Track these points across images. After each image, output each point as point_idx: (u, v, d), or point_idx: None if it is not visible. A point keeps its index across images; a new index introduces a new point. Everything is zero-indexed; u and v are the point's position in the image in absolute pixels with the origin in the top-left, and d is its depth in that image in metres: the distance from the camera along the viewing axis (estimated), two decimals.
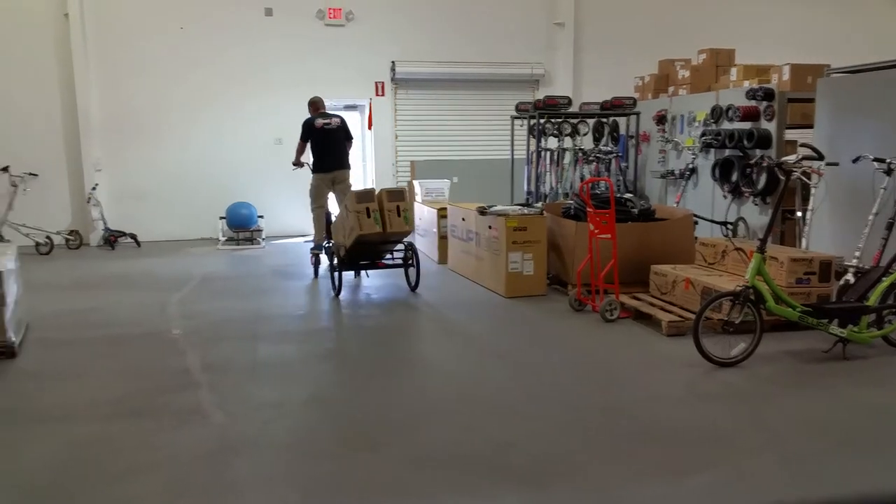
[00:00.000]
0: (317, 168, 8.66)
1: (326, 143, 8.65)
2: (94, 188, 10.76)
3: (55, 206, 10.90)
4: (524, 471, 3.38)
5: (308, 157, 8.77)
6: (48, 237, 10.23)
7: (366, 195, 7.07)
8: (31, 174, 10.40)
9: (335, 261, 7.34)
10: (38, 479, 3.39)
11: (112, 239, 10.72)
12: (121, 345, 5.71)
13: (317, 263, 8.50)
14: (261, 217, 11.22)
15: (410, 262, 7.45)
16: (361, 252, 7.28)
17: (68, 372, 5.07)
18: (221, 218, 11.03)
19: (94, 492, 3.27)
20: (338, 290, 7.28)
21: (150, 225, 11.07)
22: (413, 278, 7.45)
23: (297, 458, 3.58)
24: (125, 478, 3.39)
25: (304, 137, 8.73)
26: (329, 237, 8.04)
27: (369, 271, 8.09)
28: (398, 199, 7.09)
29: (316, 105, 9.05)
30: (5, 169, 10.20)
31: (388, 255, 7.65)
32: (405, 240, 7.41)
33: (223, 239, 11.03)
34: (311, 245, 8.81)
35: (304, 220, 11.85)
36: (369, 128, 12.37)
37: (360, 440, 3.78)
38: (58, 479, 3.39)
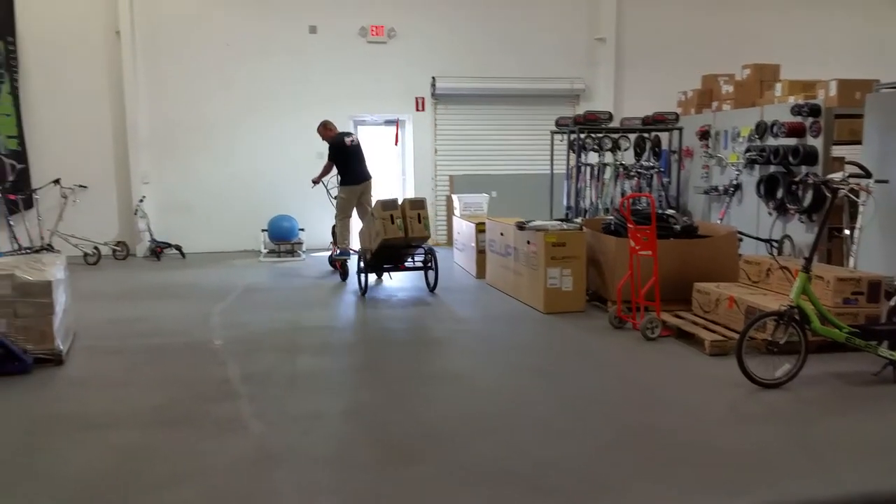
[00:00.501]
0: (349, 181, 9.19)
1: (355, 158, 9.31)
2: (141, 200, 11.02)
3: (103, 217, 11.19)
4: (565, 490, 3.34)
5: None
6: (96, 248, 10.49)
7: (391, 204, 7.82)
8: (80, 186, 10.71)
9: (361, 264, 8.05)
10: (83, 485, 3.46)
11: (158, 250, 10.96)
12: (164, 354, 5.82)
13: (343, 270, 9.09)
14: (302, 230, 11.36)
15: (430, 265, 8.20)
16: (386, 256, 8.04)
17: (113, 380, 5.18)
18: (263, 230, 11.20)
19: (136, 500, 3.32)
20: (364, 290, 8.04)
21: (194, 237, 11.28)
22: (432, 280, 8.19)
23: (335, 471, 3.59)
24: (166, 486, 3.44)
25: (335, 156, 9.32)
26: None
27: (392, 273, 8.80)
28: (419, 207, 7.89)
29: (331, 126, 9.59)
30: (56, 181, 10.52)
31: (409, 259, 8.40)
32: (425, 245, 8.16)
33: (265, 251, 11.19)
34: (337, 253, 9.36)
35: None
36: (395, 144, 12.46)
37: (398, 454, 3.79)
38: (101, 487, 3.45)
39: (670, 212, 7.37)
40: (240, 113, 11.58)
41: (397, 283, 8.92)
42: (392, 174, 12.86)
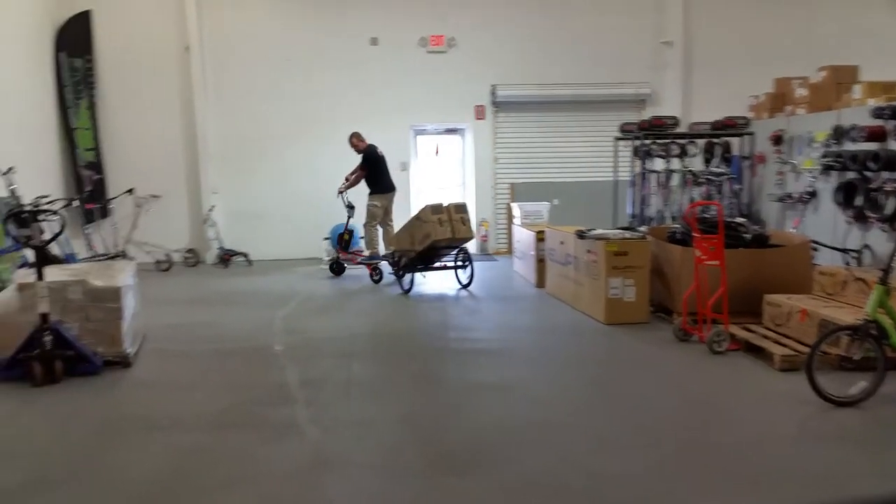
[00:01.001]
0: (382, 190, 9.86)
1: (386, 169, 9.98)
2: (210, 210, 11.34)
3: (175, 226, 11.55)
4: None
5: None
6: (168, 255, 10.84)
7: (439, 208, 8.57)
8: (154, 196, 11.09)
9: (400, 265, 8.76)
10: (142, 485, 3.55)
11: (226, 258, 11.24)
12: (228, 358, 5.94)
13: (378, 273, 9.52)
14: (362, 238, 11.45)
15: (466, 263, 8.93)
16: (428, 256, 8.68)
17: (178, 383, 5.31)
18: (326, 238, 11.34)
19: (195, 499, 3.38)
20: (409, 289, 8.64)
21: (260, 244, 11.51)
22: (466, 278, 8.92)
23: (385, 478, 3.57)
24: (223, 488, 3.49)
25: (372, 166, 9.79)
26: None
27: (425, 273, 9.24)
28: (462, 211, 8.68)
29: (362, 137, 10.03)
30: (130, 191, 10.92)
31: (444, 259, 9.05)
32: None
33: (327, 258, 11.32)
34: (371, 259, 9.76)
35: None
36: (436, 154, 12.44)
37: (450, 463, 3.74)
38: (159, 487, 3.52)
39: (740, 220, 7.09)
40: (303, 124, 11.79)
41: (441, 285, 8.92)
42: (452, 183, 12.87)
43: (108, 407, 4.75)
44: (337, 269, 10.12)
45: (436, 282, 9.64)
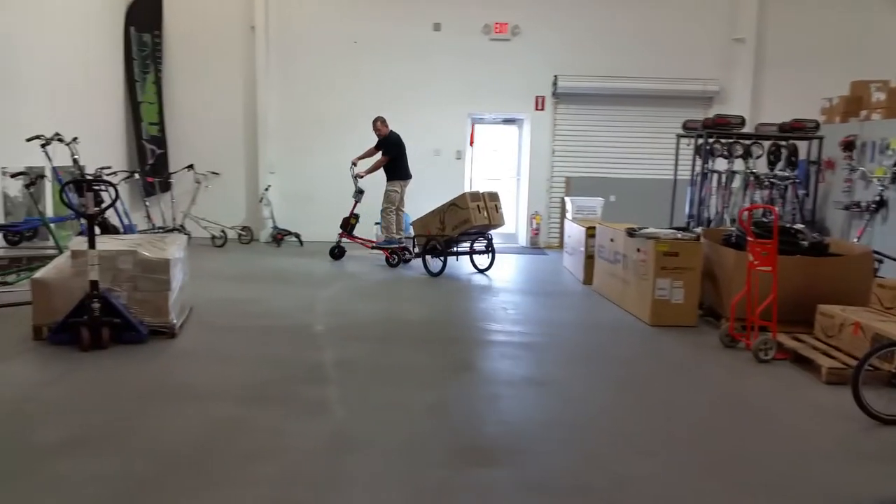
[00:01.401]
0: (402, 176, 9.94)
1: (405, 154, 10.04)
2: (266, 189, 11.54)
3: (232, 203, 11.80)
4: None
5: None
6: (223, 231, 11.08)
7: (477, 196, 9.18)
8: (213, 173, 11.35)
9: (426, 249, 9.18)
10: (175, 451, 3.63)
11: (279, 237, 11.44)
12: (269, 334, 6.04)
13: (395, 258, 9.73)
14: (377, 223, 11.47)
15: (489, 248, 9.42)
16: (455, 241, 9.22)
17: (218, 355, 5.42)
18: (377, 223, 11.40)
19: (221, 469, 3.45)
20: (442, 270, 9.01)
21: (312, 225, 11.64)
22: (487, 263, 9.43)
23: (407, 463, 3.56)
24: (249, 459, 3.55)
25: (396, 152, 9.85)
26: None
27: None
28: (496, 199, 9.32)
29: (386, 122, 10.01)
30: (191, 167, 11.20)
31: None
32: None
33: (376, 242, 11.38)
34: (388, 244, 9.87)
35: None
36: (471, 144, 12.30)
37: (472, 454, 3.71)
38: (193, 453, 3.61)
39: (799, 226, 6.81)
40: (361, 108, 11.83)
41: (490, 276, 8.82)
42: (506, 174, 12.78)
43: (150, 374, 4.88)
44: (338, 253, 10.16)
45: (486, 274, 9.61)
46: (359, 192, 9.93)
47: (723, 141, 9.49)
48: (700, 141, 9.54)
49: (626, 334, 6.44)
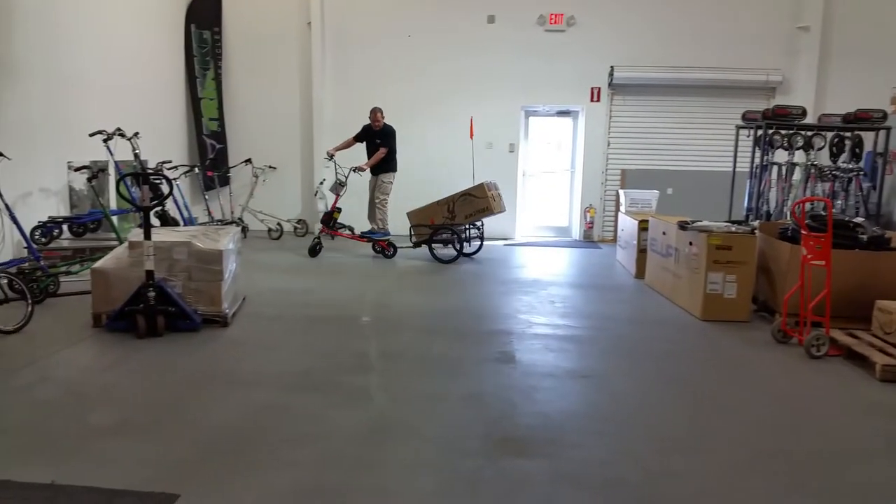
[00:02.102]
0: (395, 168, 10.20)
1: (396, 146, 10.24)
2: (321, 182, 11.74)
3: (288, 196, 12.07)
4: None
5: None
6: (279, 224, 11.34)
7: (491, 185, 9.68)
8: (270, 167, 11.61)
9: (433, 238, 9.58)
10: (219, 434, 3.76)
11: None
12: (317, 324, 6.17)
13: (393, 248, 9.88)
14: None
15: (482, 234, 10.00)
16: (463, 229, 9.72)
17: (268, 343, 5.57)
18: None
19: (260, 451, 3.55)
20: (456, 257, 9.45)
21: (366, 218, 11.77)
22: (476, 247, 10.01)
23: (442, 451, 3.60)
24: (289, 444, 3.65)
25: (394, 143, 10.06)
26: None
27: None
28: (496, 189, 9.81)
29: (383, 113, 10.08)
30: (248, 161, 11.49)
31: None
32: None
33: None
34: (381, 235, 10.00)
35: (505, 224, 12.04)
36: (471, 137, 12.17)
37: (508, 444, 3.72)
38: (234, 437, 3.73)
39: (859, 220, 6.55)
40: (416, 102, 11.95)
41: (536, 271, 8.76)
42: (561, 167, 12.67)
43: (201, 361, 5.04)
44: (319, 250, 9.83)
45: (532, 264, 9.58)
46: (339, 185, 9.80)
47: (783, 132, 9.19)
48: (759, 132, 9.27)
49: (676, 329, 6.32)
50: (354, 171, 9.68)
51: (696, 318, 6.62)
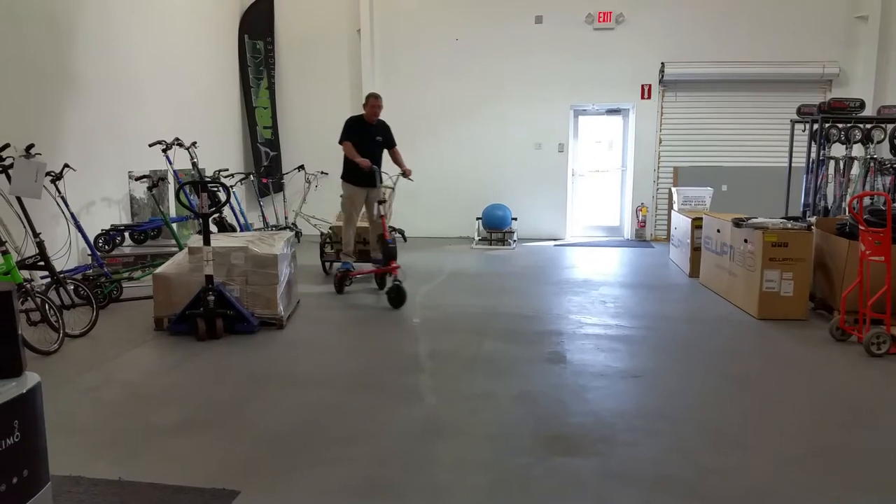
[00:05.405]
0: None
1: None
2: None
3: (340, 202, 12.22)
4: (725, 501, 3.08)
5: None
6: (331, 228, 11.51)
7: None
8: (322, 173, 11.83)
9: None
10: (274, 433, 3.89)
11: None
12: (368, 326, 6.28)
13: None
14: (514, 219, 11.52)
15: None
16: None
17: (322, 345, 5.72)
18: (478, 218, 11.53)
19: (315, 449, 3.66)
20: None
21: (416, 222, 11.93)
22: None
23: (493, 450, 3.64)
24: (342, 442, 3.75)
25: None
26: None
27: None
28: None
29: None
30: (301, 167, 11.73)
31: None
32: None
33: (477, 238, 11.52)
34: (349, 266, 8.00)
35: (555, 225, 12.01)
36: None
37: (558, 442, 3.74)
38: (288, 436, 3.85)
39: None
40: (464, 104, 12.01)
41: (590, 270, 8.72)
42: (612, 166, 12.56)
43: (257, 362, 5.20)
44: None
45: (583, 265, 9.53)
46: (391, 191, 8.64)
47: (840, 125, 8.93)
48: (815, 126, 9.03)
49: (731, 328, 6.23)
50: (403, 175, 8.02)
51: (752, 316, 6.50)
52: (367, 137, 7.87)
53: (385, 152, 8.18)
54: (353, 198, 7.88)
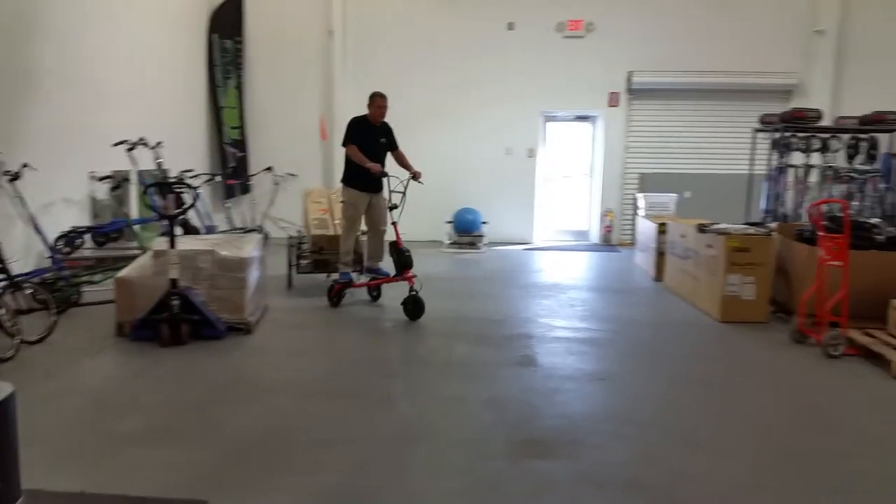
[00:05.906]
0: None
1: None
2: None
3: None
4: None
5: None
6: (299, 231, 11.41)
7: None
8: (291, 174, 11.71)
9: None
10: (242, 441, 3.82)
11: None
12: (339, 331, 6.25)
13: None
14: (484, 223, 11.56)
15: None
16: None
17: (290, 350, 5.65)
18: (448, 222, 11.54)
19: (286, 457, 3.61)
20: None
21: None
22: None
23: (466, 454, 3.66)
24: (314, 449, 3.71)
25: None
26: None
27: None
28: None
29: None
30: (269, 169, 11.60)
31: None
32: None
33: (447, 242, 11.54)
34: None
35: (524, 229, 12.09)
36: (323, 138, 11.90)
37: (530, 446, 3.77)
38: (262, 443, 3.79)
39: (875, 221, 6.54)
40: (436, 108, 12.01)
41: (559, 275, 8.80)
42: (579, 171, 12.69)
43: (225, 369, 5.10)
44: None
45: (552, 268, 9.60)
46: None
47: (799, 135, 9.17)
48: (776, 135, 9.25)
49: (695, 331, 6.35)
50: (413, 179, 7.25)
51: (714, 319, 6.63)
52: (372, 140, 7.31)
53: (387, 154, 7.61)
54: (357, 203, 7.39)
